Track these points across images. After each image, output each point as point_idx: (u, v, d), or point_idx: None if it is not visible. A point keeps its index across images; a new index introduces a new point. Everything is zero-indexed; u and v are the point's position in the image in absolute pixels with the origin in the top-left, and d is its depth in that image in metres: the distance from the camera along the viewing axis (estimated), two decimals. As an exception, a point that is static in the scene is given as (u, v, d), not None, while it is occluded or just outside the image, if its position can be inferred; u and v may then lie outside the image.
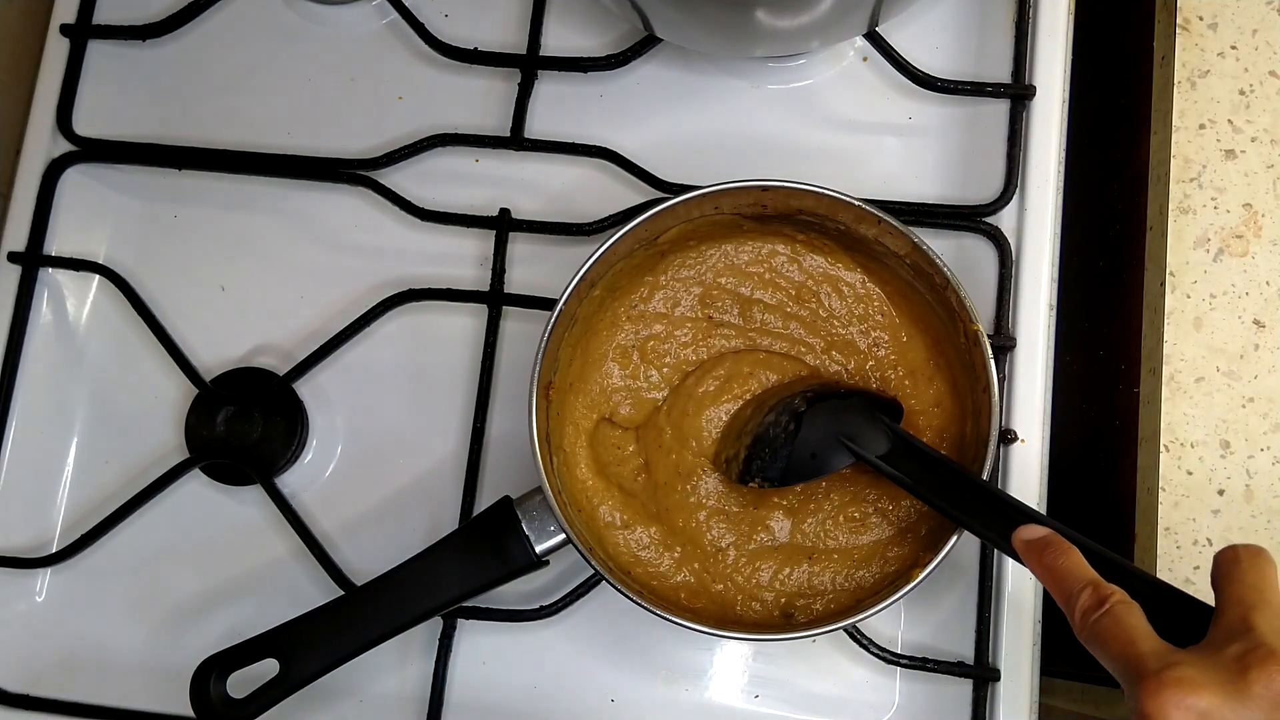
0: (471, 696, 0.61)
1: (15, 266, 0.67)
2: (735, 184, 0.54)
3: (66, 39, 0.69)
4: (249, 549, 0.63)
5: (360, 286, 0.65)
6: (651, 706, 0.60)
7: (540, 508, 0.54)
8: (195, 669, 0.54)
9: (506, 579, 0.54)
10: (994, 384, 0.52)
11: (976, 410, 0.54)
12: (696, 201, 0.55)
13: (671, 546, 0.57)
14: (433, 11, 0.67)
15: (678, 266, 0.59)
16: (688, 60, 0.66)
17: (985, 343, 0.53)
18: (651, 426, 0.58)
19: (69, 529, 0.65)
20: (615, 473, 0.58)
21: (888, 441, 0.53)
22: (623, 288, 0.58)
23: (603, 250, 0.54)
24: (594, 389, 0.58)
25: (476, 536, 0.54)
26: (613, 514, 0.57)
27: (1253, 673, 0.36)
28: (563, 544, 0.54)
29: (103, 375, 0.66)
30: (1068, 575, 0.44)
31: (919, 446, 0.53)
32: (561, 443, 0.57)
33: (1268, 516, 0.55)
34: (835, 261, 0.59)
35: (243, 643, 0.54)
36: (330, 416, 0.65)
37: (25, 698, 0.63)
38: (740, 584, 0.56)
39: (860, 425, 0.54)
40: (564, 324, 0.55)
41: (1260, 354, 0.57)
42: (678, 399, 0.58)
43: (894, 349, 0.58)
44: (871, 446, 0.53)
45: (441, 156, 0.66)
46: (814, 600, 0.56)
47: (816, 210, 0.56)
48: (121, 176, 0.68)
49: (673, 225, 0.57)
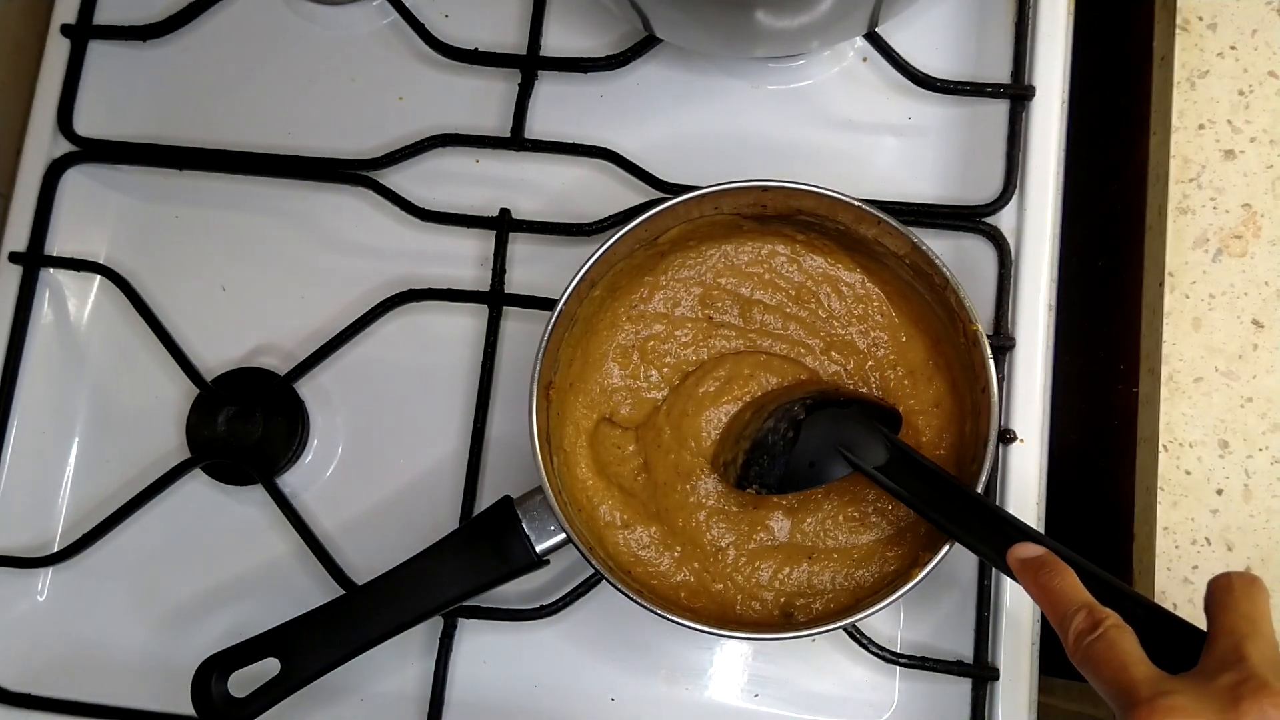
0: (472, 695, 0.61)
1: (16, 267, 0.67)
2: (735, 184, 0.54)
3: (67, 39, 0.69)
4: (250, 549, 0.64)
5: (361, 286, 0.65)
6: (651, 705, 0.60)
7: (540, 507, 0.54)
8: (196, 668, 0.54)
9: (507, 578, 0.54)
10: (993, 384, 0.52)
11: (976, 410, 0.54)
12: (696, 202, 0.55)
13: (671, 546, 0.57)
14: (433, 12, 0.68)
15: (678, 267, 0.59)
16: (688, 60, 0.66)
17: (984, 342, 0.53)
18: (651, 426, 0.58)
19: (70, 528, 0.65)
20: (615, 472, 0.58)
21: (886, 452, 0.53)
22: (623, 288, 0.59)
23: (603, 250, 0.54)
24: (594, 389, 0.58)
25: (477, 536, 0.54)
26: (613, 513, 0.57)
27: (1245, 704, 0.37)
28: (563, 543, 0.54)
29: (104, 375, 0.67)
30: (1062, 597, 0.44)
31: (917, 459, 0.53)
32: (562, 442, 0.57)
33: (1266, 516, 0.56)
34: (835, 262, 0.59)
35: (244, 642, 0.54)
36: (331, 416, 0.65)
37: (27, 697, 0.63)
38: (740, 583, 0.56)
39: (859, 435, 0.54)
40: (564, 324, 0.55)
41: (1259, 354, 0.57)
42: (677, 399, 0.58)
43: (893, 349, 0.58)
44: (870, 457, 0.53)
45: (442, 157, 0.66)
46: (813, 600, 0.56)
47: (816, 210, 0.56)
48: (122, 177, 0.68)
49: (673, 225, 0.57)
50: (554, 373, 0.56)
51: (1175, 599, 0.55)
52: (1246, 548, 0.55)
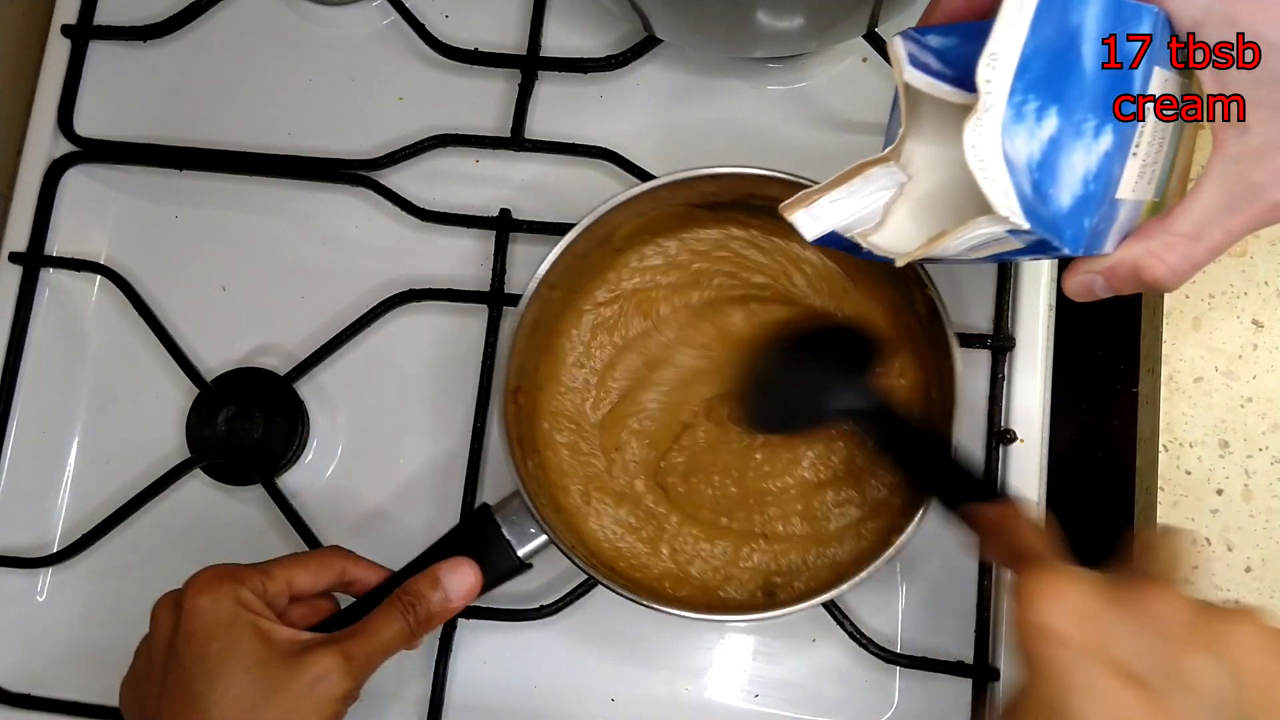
0: (472, 696, 0.61)
1: (16, 267, 0.67)
2: (681, 175, 0.55)
3: (68, 39, 0.69)
4: (250, 549, 0.63)
5: (361, 287, 0.65)
6: (651, 705, 0.60)
7: (519, 511, 0.54)
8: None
9: (492, 585, 0.54)
10: (954, 347, 0.52)
11: (940, 375, 0.55)
12: (648, 195, 0.55)
13: (638, 530, 0.58)
14: (433, 12, 0.68)
15: (637, 260, 0.60)
16: (688, 60, 0.66)
17: (943, 308, 0.53)
18: (617, 419, 0.59)
19: (70, 529, 0.65)
20: (588, 469, 0.59)
21: (864, 399, 0.54)
22: (583, 287, 0.59)
23: (557, 253, 0.54)
24: (562, 389, 0.59)
25: (457, 546, 0.54)
26: (589, 509, 0.58)
27: (1147, 592, 0.36)
28: (545, 546, 0.54)
29: (104, 375, 0.67)
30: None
31: (892, 410, 0.54)
32: (535, 444, 0.58)
33: (1266, 516, 0.56)
34: (790, 240, 0.59)
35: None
36: (331, 416, 0.65)
37: (26, 697, 0.63)
38: (715, 565, 0.57)
39: (839, 381, 0.55)
40: (527, 329, 0.56)
41: (1259, 354, 0.57)
42: (640, 389, 0.59)
43: (859, 321, 0.59)
44: (848, 402, 0.54)
45: (442, 157, 0.66)
46: (792, 578, 0.56)
47: (765, 193, 0.56)
48: (123, 177, 0.68)
49: (624, 222, 0.57)
50: (522, 377, 0.57)
51: (1175, 599, 0.55)
52: (1246, 548, 0.55)
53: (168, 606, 0.49)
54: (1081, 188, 0.37)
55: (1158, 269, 0.40)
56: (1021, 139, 0.36)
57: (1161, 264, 0.40)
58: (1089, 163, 0.37)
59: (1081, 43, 0.36)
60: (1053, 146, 0.37)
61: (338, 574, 0.53)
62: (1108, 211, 0.39)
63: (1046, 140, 0.36)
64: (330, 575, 0.53)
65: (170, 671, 0.47)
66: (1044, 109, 0.36)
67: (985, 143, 0.36)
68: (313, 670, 0.46)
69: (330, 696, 0.47)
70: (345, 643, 0.48)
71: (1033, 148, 0.36)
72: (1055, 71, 0.36)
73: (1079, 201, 0.38)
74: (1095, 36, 0.36)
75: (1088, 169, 0.37)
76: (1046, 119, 0.36)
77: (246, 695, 0.45)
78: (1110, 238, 0.41)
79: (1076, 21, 0.36)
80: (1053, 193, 0.37)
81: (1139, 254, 0.40)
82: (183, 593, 0.49)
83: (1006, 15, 0.35)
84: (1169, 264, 0.40)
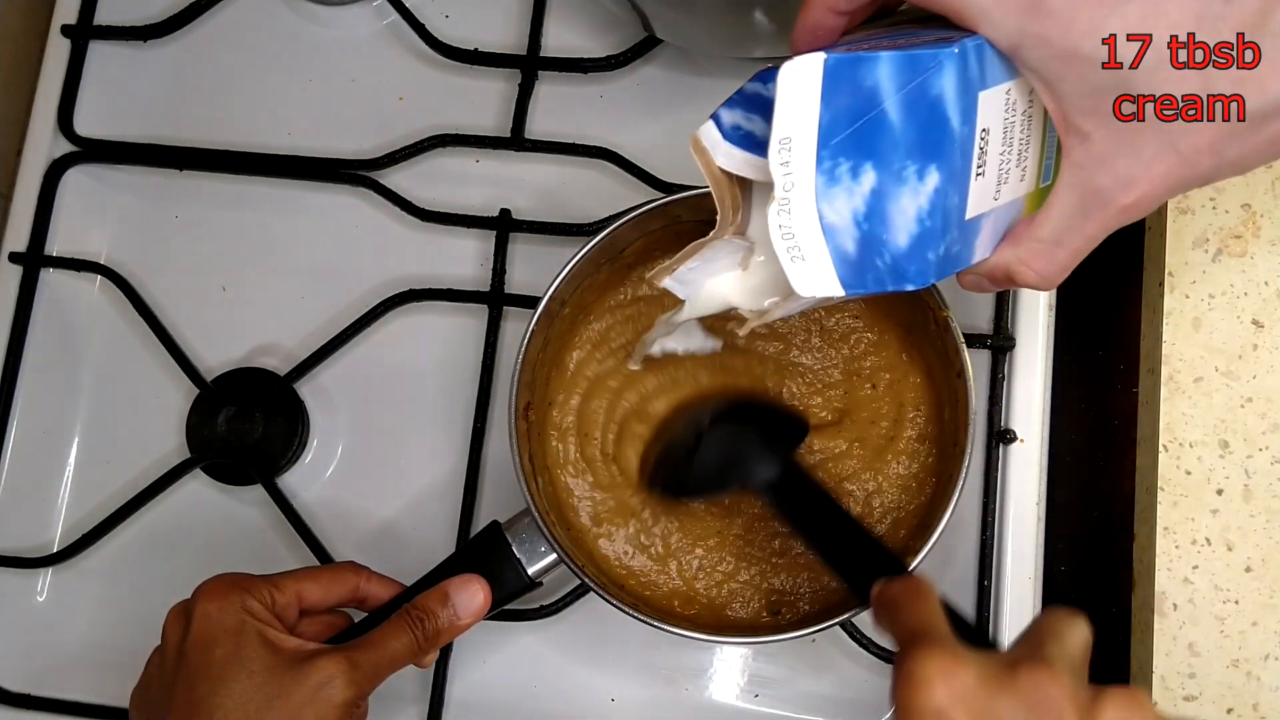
0: (472, 696, 0.61)
1: (16, 267, 0.67)
2: (692, 192, 0.54)
3: (68, 39, 0.69)
4: (250, 548, 0.64)
5: (361, 286, 0.65)
6: (651, 706, 0.60)
7: (529, 529, 0.53)
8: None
9: (501, 603, 0.53)
10: (968, 368, 0.52)
11: (954, 396, 0.54)
12: (657, 213, 0.54)
13: (647, 547, 0.57)
14: (433, 12, 0.68)
15: (646, 275, 0.59)
16: (688, 60, 0.66)
17: (956, 328, 0.53)
18: (628, 435, 0.58)
19: (70, 529, 0.65)
20: (598, 485, 0.58)
21: (779, 471, 0.52)
22: (593, 304, 0.59)
23: (569, 269, 0.54)
24: (571, 405, 0.58)
25: (467, 563, 0.54)
26: (599, 528, 0.57)
27: (1022, 668, 0.36)
28: (555, 564, 0.53)
29: (104, 375, 0.67)
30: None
31: (808, 481, 0.53)
32: (545, 461, 0.57)
33: (1266, 516, 0.56)
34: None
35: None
36: (331, 416, 0.65)
37: (26, 697, 0.63)
38: (718, 585, 0.57)
39: (754, 450, 0.53)
40: (537, 345, 0.55)
41: (1259, 354, 0.57)
42: (646, 407, 0.58)
43: (870, 345, 0.58)
44: (762, 473, 0.52)
45: (442, 157, 0.66)
46: (798, 600, 0.56)
47: None
48: (122, 177, 0.68)
49: (635, 238, 0.56)
50: (532, 393, 0.56)
51: (1175, 599, 0.55)
52: (1246, 548, 0.55)
53: (178, 615, 0.50)
54: (918, 226, 0.38)
55: (1028, 275, 0.42)
56: (841, 199, 0.37)
57: (1030, 270, 0.42)
58: (920, 203, 0.38)
59: (882, 100, 0.37)
60: (876, 197, 0.38)
61: (350, 589, 0.53)
62: (959, 235, 0.40)
63: (869, 193, 0.37)
64: (342, 590, 0.53)
65: (177, 677, 0.47)
66: (858, 167, 0.37)
67: (794, 221, 0.37)
68: (316, 676, 0.47)
69: (333, 703, 0.47)
70: (350, 651, 0.48)
71: (855, 203, 0.37)
72: (862, 132, 0.37)
73: (917, 239, 0.38)
74: (895, 92, 0.37)
75: (919, 209, 0.38)
76: (864, 175, 0.37)
77: (250, 700, 0.46)
78: (981, 244, 0.42)
79: (871, 85, 0.37)
80: (888, 237, 0.38)
81: (1010, 260, 0.42)
82: (192, 601, 0.49)
83: (784, 101, 0.36)
84: (1037, 269, 0.42)
